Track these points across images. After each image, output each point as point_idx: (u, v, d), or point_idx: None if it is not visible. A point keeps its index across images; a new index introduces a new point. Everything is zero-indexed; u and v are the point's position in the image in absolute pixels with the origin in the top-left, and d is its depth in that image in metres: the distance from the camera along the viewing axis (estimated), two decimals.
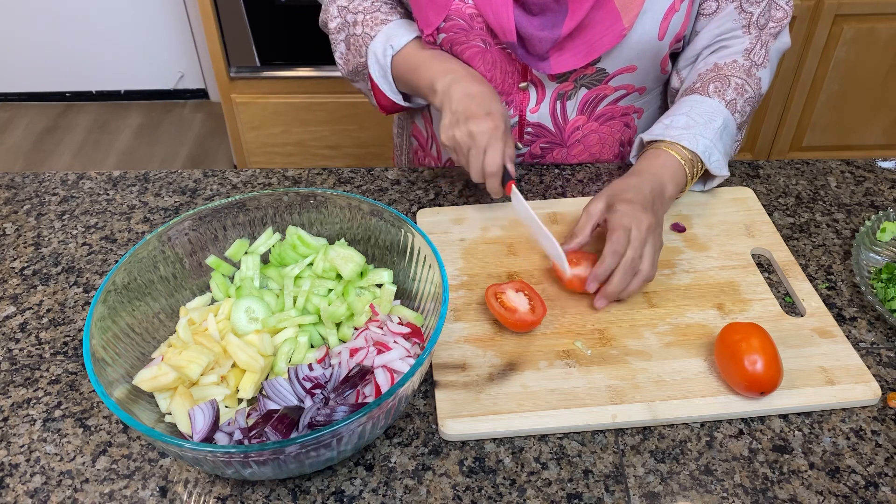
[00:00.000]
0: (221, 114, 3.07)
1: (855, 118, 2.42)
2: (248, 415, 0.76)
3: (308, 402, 0.75)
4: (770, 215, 1.06)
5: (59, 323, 0.93)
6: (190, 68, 3.22)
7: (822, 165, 1.16)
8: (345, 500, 0.74)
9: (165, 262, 0.85)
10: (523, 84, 1.08)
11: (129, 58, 3.17)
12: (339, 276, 0.87)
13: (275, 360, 0.81)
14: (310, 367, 0.78)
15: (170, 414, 0.76)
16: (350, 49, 1.10)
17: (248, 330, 0.81)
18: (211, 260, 0.88)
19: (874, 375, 0.85)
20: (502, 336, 0.88)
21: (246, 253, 0.89)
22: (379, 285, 0.87)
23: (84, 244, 1.04)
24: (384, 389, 0.75)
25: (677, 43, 1.06)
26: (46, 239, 1.05)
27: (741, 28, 1.05)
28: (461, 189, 1.12)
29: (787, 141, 2.49)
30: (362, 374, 0.76)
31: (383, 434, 0.80)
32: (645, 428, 0.80)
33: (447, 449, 0.79)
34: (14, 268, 1.01)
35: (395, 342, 0.79)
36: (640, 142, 1.05)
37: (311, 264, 0.87)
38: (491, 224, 1.04)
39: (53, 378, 0.86)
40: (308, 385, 0.76)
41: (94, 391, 0.84)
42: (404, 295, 0.88)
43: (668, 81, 1.14)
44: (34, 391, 0.85)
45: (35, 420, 0.82)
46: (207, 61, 3.14)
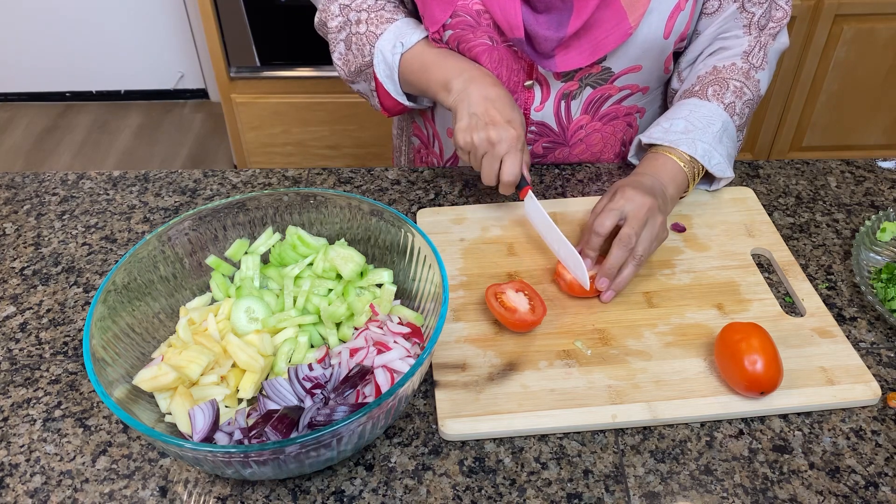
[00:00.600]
0: (221, 114, 3.07)
1: (855, 118, 2.42)
2: (248, 415, 0.76)
3: (308, 402, 0.75)
4: (770, 215, 1.06)
5: (59, 323, 0.93)
6: (190, 68, 3.22)
7: (822, 165, 1.16)
8: (345, 500, 0.74)
9: (165, 262, 0.85)
10: (528, 82, 1.07)
11: (129, 58, 3.17)
12: (339, 276, 0.87)
13: (275, 360, 0.80)
14: (310, 367, 0.78)
15: (170, 414, 0.76)
16: (351, 48, 1.09)
17: (248, 330, 0.81)
18: (211, 260, 0.88)
19: (874, 375, 0.85)
20: (502, 336, 0.88)
21: (246, 253, 0.89)
22: (379, 285, 0.87)
23: (84, 244, 1.04)
24: (384, 389, 0.75)
25: (681, 42, 1.06)
26: (46, 239, 1.05)
27: (742, 28, 1.05)
28: (461, 189, 1.12)
29: (787, 141, 2.49)
30: (362, 374, 0.76)
31: (383, 434, 0.80)
32: (645, 428, 0.80)
33: (447, 449, 0.79)
34: (14, 268, 1.01)
35: (395, 342, 0.79)
36: (639, 142, 1.05)
37: (311, 264, 0.87)
38: (491, 224, 1.04)
39: (53, 378, 0.86)
40: (308, 385, 0.76)
41: (94, 391, 0.84)
42: (404, 295, 0.88)
43: (669, 81, 1.14)
44: (34, 391, 0.85)
45: (35, 420, 0.82)
46: (207, 61, 3.14)
